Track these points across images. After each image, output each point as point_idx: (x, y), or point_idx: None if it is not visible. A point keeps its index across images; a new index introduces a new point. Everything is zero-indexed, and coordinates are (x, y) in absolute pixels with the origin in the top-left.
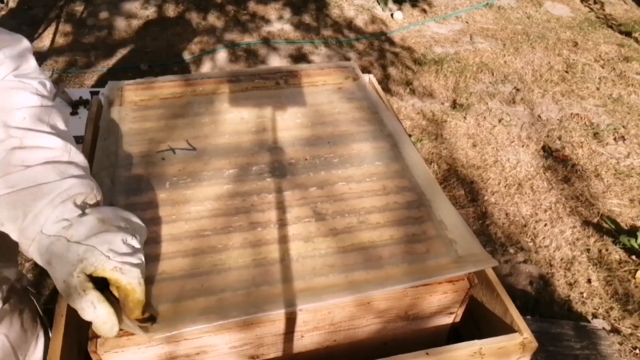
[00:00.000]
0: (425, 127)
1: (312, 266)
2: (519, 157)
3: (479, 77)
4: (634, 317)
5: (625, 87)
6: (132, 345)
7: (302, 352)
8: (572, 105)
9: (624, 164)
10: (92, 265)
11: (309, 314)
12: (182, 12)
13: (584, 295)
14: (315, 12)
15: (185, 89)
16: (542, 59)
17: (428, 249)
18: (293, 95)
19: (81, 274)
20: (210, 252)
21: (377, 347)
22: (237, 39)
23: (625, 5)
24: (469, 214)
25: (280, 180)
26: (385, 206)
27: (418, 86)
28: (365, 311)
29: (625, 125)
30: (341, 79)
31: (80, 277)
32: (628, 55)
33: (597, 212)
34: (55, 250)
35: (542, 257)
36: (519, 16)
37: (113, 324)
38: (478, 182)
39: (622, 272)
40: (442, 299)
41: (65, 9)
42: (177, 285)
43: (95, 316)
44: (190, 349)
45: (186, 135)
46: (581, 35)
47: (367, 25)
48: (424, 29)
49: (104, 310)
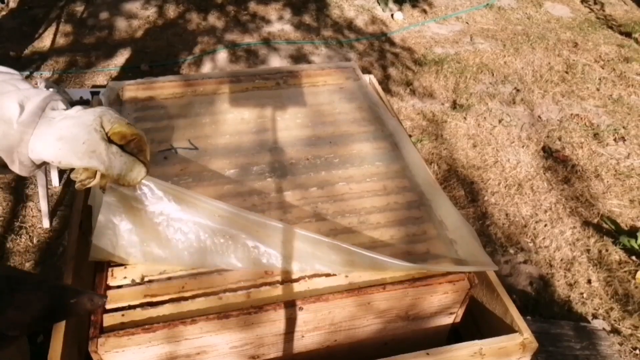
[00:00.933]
0: (425, 127)
1: None
2: (519, 157)
3: (479, 78)
4: (634, 318)
5: (625, 87)
6: (133, 345)
7: (303, 352)
8: (572, 105)
9: (624, 164)
10: (111, 119)
11: (310, 314)
12: (182, 13)
13: (584, 295)
14: (316, 12)
15: (186, 89)
16: (542, 59)
17: (428, 249)
18: (293, 96)
19: (101, 130)
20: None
21: (377, 347)
22: (237, 39)
23: (625, 6)
24: (469, 215)
25: (281, 180)
26: (385, 206)
27: (418, 87)
28: (365, 311)
29: (626, 126)
30: (341, 79)
31: (102, 131)
32: (628, 56)
33: (597, 212)
34: (67, 123)
35: (542, 257)
36: (519, 17)
37: (140, 167)
38: (478, 182)
39: (622, 272)
40: (443, 299)
41: (65, 9)
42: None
43: (122, 163)
44: (191, 349)
45: (187, 136)
46: (581, 35)
47: (368, 25)
48: (424, 30)
49: (129, 157)
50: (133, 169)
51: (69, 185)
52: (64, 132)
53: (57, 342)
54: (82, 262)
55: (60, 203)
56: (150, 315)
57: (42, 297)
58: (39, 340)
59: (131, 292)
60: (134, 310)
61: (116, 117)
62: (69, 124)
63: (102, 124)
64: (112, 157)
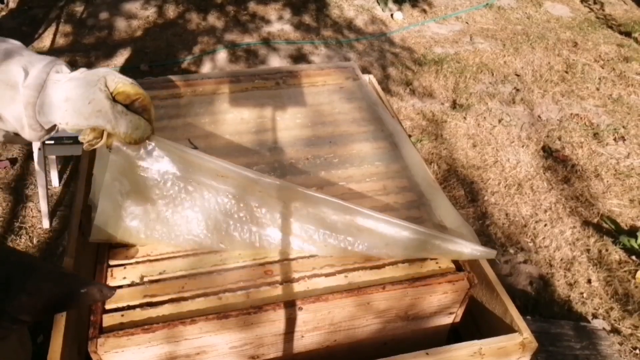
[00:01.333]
0: (425, 127)
1: (312, 266)
2: (518, 157)
3: (478, 78)
4: (634, 318)
5: (625, 87)
6: (132, 345)
7: (302, 352)
8: (572, 105)
9: (624, 164)
10: (114, 79)
11: (309, 314)
12: (182, 13)
13: (584, 295)
14: (315, 12)
15: (186, 89)
16: (542, 59)
17: None
18: (293, 96)
19: (106, 89)
20: (211, 252)
21: (377, 347)
22: (237, 39)
23: (625, 6)
24: (468, 214)
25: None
26: (385, 206)
27: (418, 86)
28: (365, 311)
29: (625, 126)
30: (341, 79)
31: (107, 91)
32: (628, 56)
33: (597, 212)
34: (72, 84)
35: (542, 257)
36: (519, 16)
37: (146, 125)
38: (478, 182)
39: (622, 272)
40: (442, 299)
41: (65, 10)
42: (177, 285)
43: (128, 121)
44: (190, 349)
45: (187, 136)
46: (581, 35)
47: (367, 25)
48: (424, 30)
49: (134, 116)
50: (139, 127)
51: (69, 186)
52: (70, 93)
53: (57, 342)
54: (82, 262)
55: (60, 203)
56: (150, 315)
57: (53, 285)
58: (39, 340)
59: (131, 292)
60: (134, 310)
61: (120, 76)
62: (74, 85)
63: (107, 84)
64: (118, 115)
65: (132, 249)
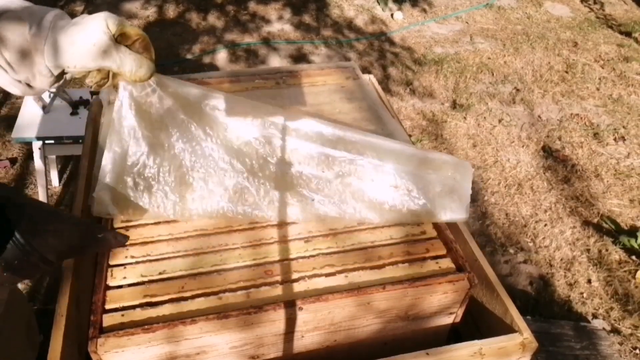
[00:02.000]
0: (425, 127)
1: (312, 266)
2: (519, 157)
3: (479, 78)
4: (634, 318)
5: (625, 87)
6: (132, 345)
7: (302, 352)
8: (572, 105)
9: (624, 164)
10: (115, 22)
11: (309, 314)
12: (182, 12)
13: (584, 295)
14: (315, 12)
15: None
16: (542, 59)
17: (427, 249)
18: (293, 95)
19: (108, 31)
20: (211, 252)
21: (377, 347)
22: (237, 39)
23: (625, 6)
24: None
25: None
26: None
27: (418, 86)
28: (365, 311)
29: (625, 126)
30: (341, 79)
31: (109, 32)
32: (628, 56)
33: (597, 212)
34: (76, 28)
35: (542, 257)
36: (519, 16)
37: (149, 63)
38: (478, 182)
39: (622, 272)
40: (442, 299)
41: (65, 9)
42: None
43: (132, 60)
44: (190, 349)
45: None
46: (581, 35)
47: (367, 25)
48: (424, 29)
49: (137, 55)
50: (142, 66)
51: (69, 186)
52: (75, 37)
53: (57, 342)
54: (82, 263)
55: (60, 203)
56: (150, 315)
57: (74, 229)
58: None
59: (131, 292)
60: (134, 310)
61: (120, 19)
62: (78, 29)
63: (109, 26)
64: (122, 55)
65: (133, 249)
